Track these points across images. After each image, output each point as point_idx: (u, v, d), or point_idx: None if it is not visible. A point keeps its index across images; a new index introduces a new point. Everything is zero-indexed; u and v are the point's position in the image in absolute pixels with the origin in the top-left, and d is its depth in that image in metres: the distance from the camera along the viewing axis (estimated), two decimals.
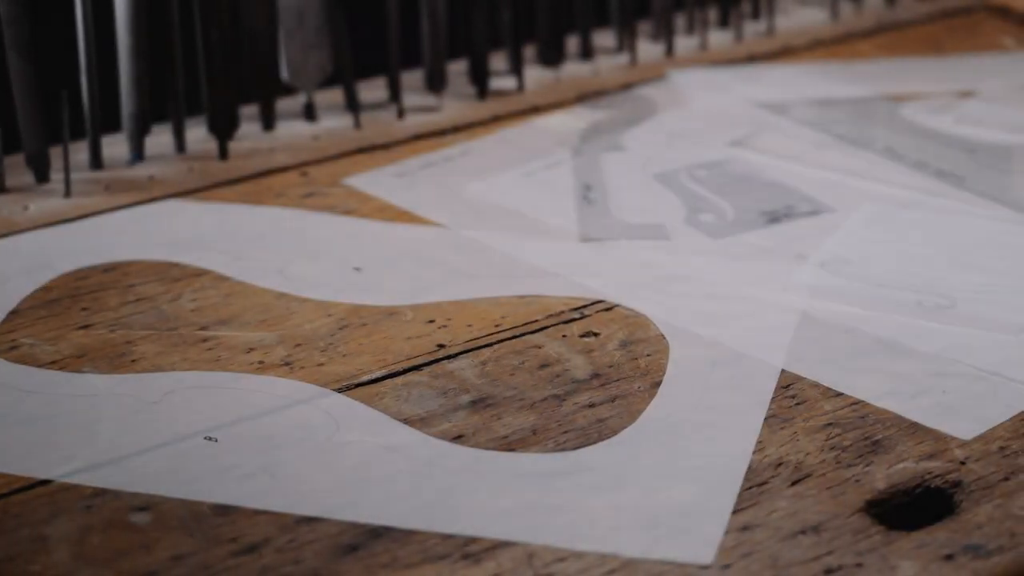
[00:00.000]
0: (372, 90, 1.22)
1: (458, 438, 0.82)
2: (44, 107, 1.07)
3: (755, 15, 1.36)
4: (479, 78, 1.22)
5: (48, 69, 1.08)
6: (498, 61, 1.26)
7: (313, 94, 1.18)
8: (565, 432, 0.83)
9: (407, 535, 0.75)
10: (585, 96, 1.22)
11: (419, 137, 1.16)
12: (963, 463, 0.80)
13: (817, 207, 1.05)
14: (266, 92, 1.16)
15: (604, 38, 1.31)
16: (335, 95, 1.20)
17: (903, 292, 0.95)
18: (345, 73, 1.17)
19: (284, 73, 1.16)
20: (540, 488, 0.78)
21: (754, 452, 0.81)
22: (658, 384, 0.87)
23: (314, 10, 1.16)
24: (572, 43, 1.29)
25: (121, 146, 1.12)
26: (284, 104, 1.18)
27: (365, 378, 0.87)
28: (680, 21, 1.34)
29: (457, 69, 1.24)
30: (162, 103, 1.12)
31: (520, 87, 1.23)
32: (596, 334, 0.92)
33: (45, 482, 0.79)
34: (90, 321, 0.92)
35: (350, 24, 1.17)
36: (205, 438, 0.82)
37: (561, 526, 0.76)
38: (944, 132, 1.17)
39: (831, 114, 1.19)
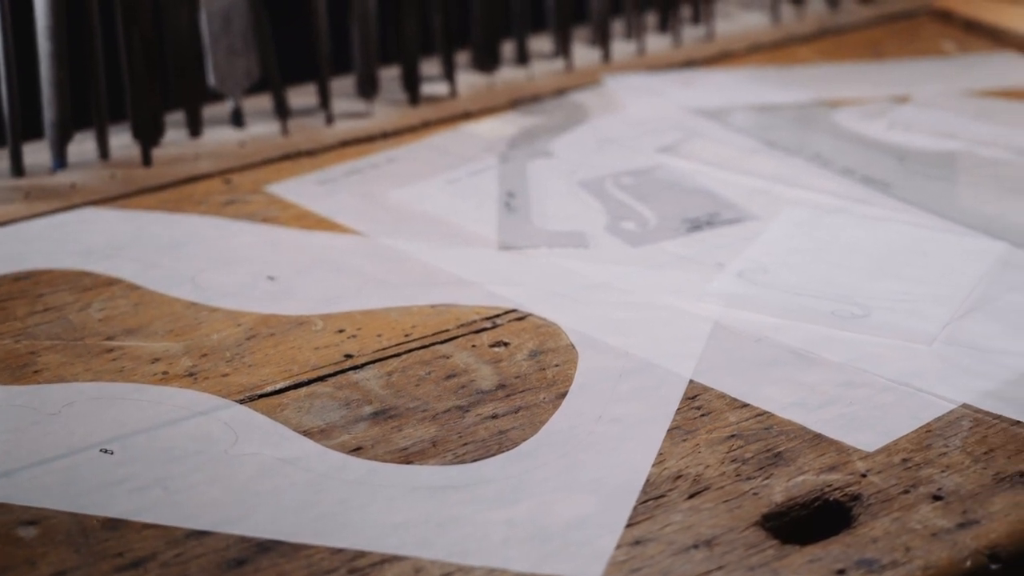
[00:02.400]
0: (302, 96, 1.21)
1: (356, 450, 0.81)
2: None
3: (695, 20, 1.35)
4: (411, 84, 1.21)
5: None
6: (433, 67, 1.25)
7: (240, 100, 1.17)
8: (465, 444, 0.82)
9: (295, 549, 0.74)
10: (519, 102, 1.21)
11: (347, 143, 1.15)
12: (864, 475, 0.79)
13: (740, 215, 1.04)
14: (192, 98, 1.15)
15: (541, 43, 1.30)
16: (264, 101, 1.19)
17: (818, 301, 0.93)
18: (272, 79, 1.16)
19: (210, 78, 1.15)
20: (434, 502, 0.77)
21: (654, 464, 0.80)
22: (564, 395, 0.86)
23: (240, 15, 1.15)
24: (508, 48, 1.28)
25: (43, 153, 1.11)
26: (212, 110, 1.17)
27: (268, 389, 0.86)
28: (618, 26, 1.33)
29: (390, 74, 1.23)
30: (86, 109, 1.11)
31: (453, 93, 1.22)
32: (506, 344, 0.91)
33: None
34: None
35: (280, 29, 1.16)
36: (101, 450, 0.81)
37: (452, 540, 0.75)
38: (875, 138, 1.15)
39: (764, 120, 1.18)
